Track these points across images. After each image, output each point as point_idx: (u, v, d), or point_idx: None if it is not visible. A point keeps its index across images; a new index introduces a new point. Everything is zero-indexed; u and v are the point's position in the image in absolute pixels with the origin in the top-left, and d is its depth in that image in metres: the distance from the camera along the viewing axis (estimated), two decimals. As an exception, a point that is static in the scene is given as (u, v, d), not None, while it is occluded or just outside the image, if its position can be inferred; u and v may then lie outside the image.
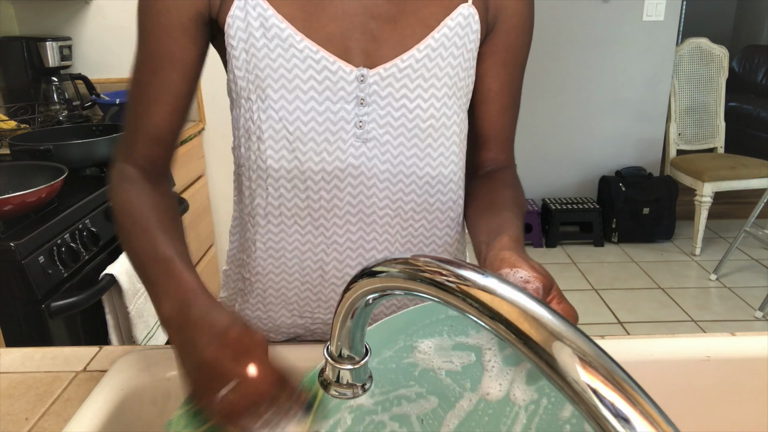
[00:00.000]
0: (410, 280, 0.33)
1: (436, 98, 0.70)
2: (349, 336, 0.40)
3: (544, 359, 0.26)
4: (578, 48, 3.43)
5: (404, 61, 0.67)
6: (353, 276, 0.37)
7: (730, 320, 2.67)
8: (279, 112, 0.67)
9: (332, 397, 0.43)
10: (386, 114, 0.69)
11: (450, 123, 0.71)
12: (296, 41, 0.65)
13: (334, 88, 0.67)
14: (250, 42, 0.66)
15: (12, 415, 0.65)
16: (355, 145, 0.69)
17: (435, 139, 0.71)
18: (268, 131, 0.68)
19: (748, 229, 2.93)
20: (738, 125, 4.42)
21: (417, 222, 0.74)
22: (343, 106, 0.68)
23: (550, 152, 3.60)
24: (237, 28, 0.66)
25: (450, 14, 0.68)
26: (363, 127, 0.69)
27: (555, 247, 3.47)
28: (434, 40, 0.68)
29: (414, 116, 0.69)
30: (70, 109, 2.20)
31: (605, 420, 0.24)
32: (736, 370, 0.71)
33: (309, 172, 0.69)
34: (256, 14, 0.65)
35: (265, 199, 0.72)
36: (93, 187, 1.56)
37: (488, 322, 0.29)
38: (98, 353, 0.76)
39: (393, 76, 0.68)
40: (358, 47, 0.67)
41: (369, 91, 0.68)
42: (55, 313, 1.28)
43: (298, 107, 0.67)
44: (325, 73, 0.67)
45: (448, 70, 0.69)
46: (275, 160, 0.69)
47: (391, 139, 0.70)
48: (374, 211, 0.72)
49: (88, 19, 2.31)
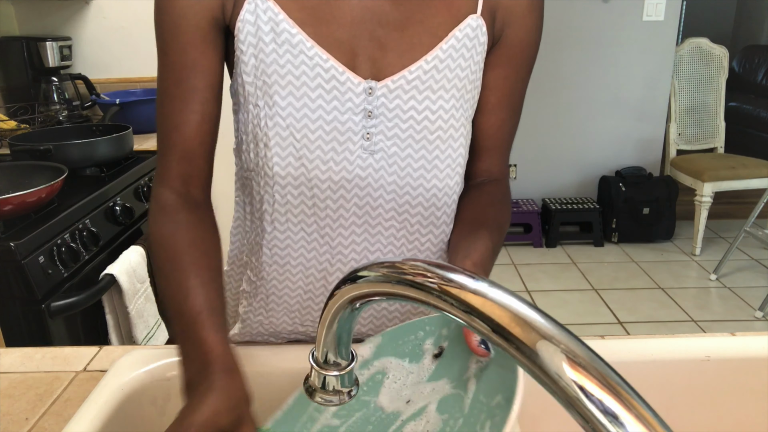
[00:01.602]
0: (396, 284, 0.32)
1: (444, 110, 0.69)
2: (335, 341, 0.39)
3: (536, 362, 0.26)
4: (578, 48, 3.43)
5: (412, 72, 0.67)
6: (338, 281, 0.37)
7: (730, 320, 2.67)
8: (286, 119, 0.67)
9: (318, 404, 0.42)
10: (394, 126, 0.69)
11: (457, 135, 0.71)
12: (306, 48, 0.65)
13: (342, 99, 0.67)
14: (260, 47, 0.65)
15: (12, 415, 0.65)
16: (362, 157, 0.69)
17: (442, 150, 0.70)
18: (275, 138, 0.67)
19: (748, 229, 2.93)
20: (738, 125, 4.41)
21: (423, 236, 0.74)
22: (350, 117, 0.67)
23: (550, 152, 3.60)
24: (247, 33, 0.65)
25: (458, 25, 0.67)
26: (370, 139, 0.68)
27: (555, 247, 3.47)
28: (442, 52, 0.67)
29: (422, 128, 0.69)
30: (70, 109, 2.20)
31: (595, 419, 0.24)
32: (736, 370, 0.71)
33: (316, 180, 0.69)
34: (266, 18, 0.65)
35: (271, 206, 0.71)
36: (93, 187, 1.56)
37: (478, 325, 0.28)
38: (98, 353, 0.76)
39: (401, 89, 0.67)
40: (365, 54, 0.66)
41: (377, 103, 0.67)
42: (55, 313, 1.28)
43: (306, 115, 0.67)
44: (334, 83, 0.66)
45: (456, 81, 0.69)
46: (282, 167, 0.68)
47: (398, 151, 0.69)
48: (380, 222, 0.72)
49: (88, 19, 2.31)
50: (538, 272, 3.17)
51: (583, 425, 0.24)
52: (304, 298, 0.76)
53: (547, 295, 2.94)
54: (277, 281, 0.75)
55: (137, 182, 1.76)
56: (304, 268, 0.74)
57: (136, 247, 1.56)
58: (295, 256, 0.73)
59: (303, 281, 0.74)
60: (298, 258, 0.73)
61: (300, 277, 0.74)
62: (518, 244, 3.48)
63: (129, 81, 2.36)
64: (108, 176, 1.65)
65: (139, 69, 2.35)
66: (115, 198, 1.62)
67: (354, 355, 0.42)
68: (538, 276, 3.13)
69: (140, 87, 2.34)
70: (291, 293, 0.75)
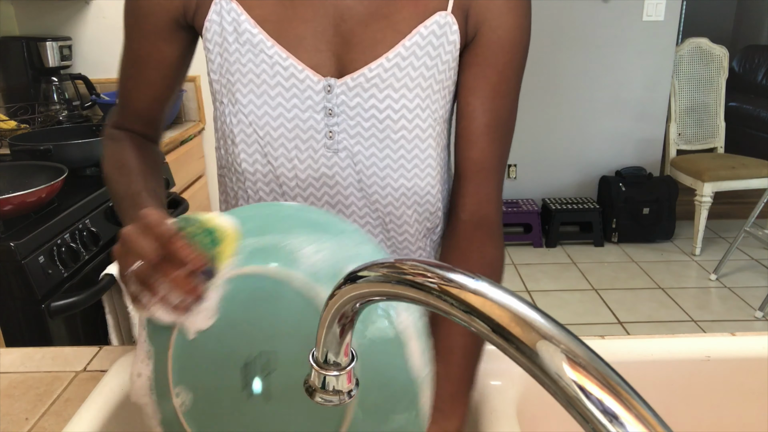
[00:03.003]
0: (396, 284, 0.32)
1: (407, 109, 0.68)
2: (335, 341, 0.39)
3: (536, 362, 0.25)
4: (578, 48, 3.43)
5: (372, 70, 0.66)
6: (339, 281, 0.37)
7: (730, 320, 2.67)
8: (249, 116, 0.68)
9: (317, 404, 0.42)
10: (356, 124, 0.68)
11: (425, 136, 0.69)
12: (267, 47, 0.66)
13: (302, 97, 0.67)
14: (224, 47, 0.67)
15: (12, 415, 0.65)
16: (327, 155, 0.69)
17: (408, 150, 0.69)
18: (240, 135, 0.69)
19: (748, 229, 2.93)
20: (738, 125, 4.41)
21: (400, 235, 0.74)
22: (312, 116, 0.67)
23: (550, 152, 3.60)
24: (213, 33, 0.67)
25: (424, 21, 0.66)
26: (333, 138, 0.68)
27: (555, 247, 3.46)
28: (405, 49, 0.66)
29: (384, 126, 0.68)
30: (70, 109, 2.20)
31: (595, 419, 0.24)
32: (736, 370, 0.71)
33: (283, 177, 0.70)
34: (230, 19, 0.66)
35: (246, 201, 0.72)
36: (93, 187, 1.56)
37: (478, 325, 0.28)
38: (98, 353, 0.76)
39: (360, 86, 0.66)
40: (329, 50, 0.66)
41: (337, 101, 0.67)
42: (55, 313, 1.28)
43: (266, 112, 0.67)
44: (293, 81, 0.66)
45: (420, 81, 0.67)
46: (249, 164, 0.70)
47: (362, 149, 0.69)
48: (355, 220, 0.72)
49: (88, 19, 2.31)
50: (538, 272, 3.17)
51: (583, 425, 0.24)
52: None
53: (547, 295, 2.94)
54: None
55: (137, 182, 1.75)
56: None
57: (136, 247, 1.56)
58: None
59: None
60: None
61: None
62: (518, 244, 3.48)
63: (129, 81, 2.36)
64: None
65: (139, 69, 2.35)
66: (115, 198, 1.62)
67: (354, 354, 0.42)
68: (538, 276, 3.13)
69: (140, 87, 2.34)
70: None
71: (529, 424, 0.69)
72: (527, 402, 0.67)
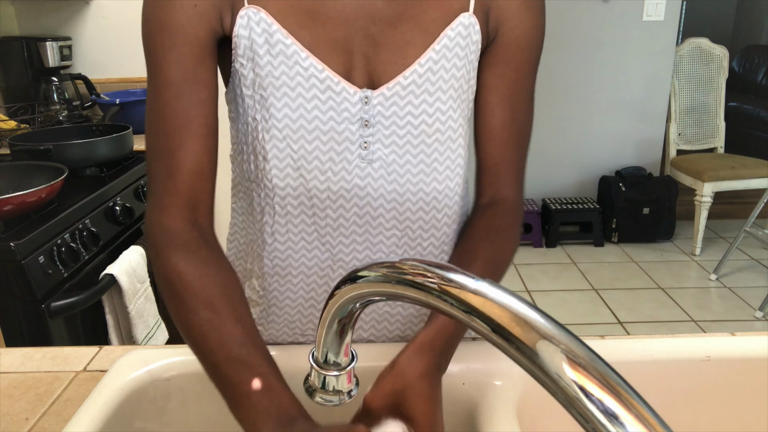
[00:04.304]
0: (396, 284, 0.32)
1: (440, 111, 0.68)
2: (335, 342, 0.39)
3: (536, 362, 0.25)
4: (578, 48, 3.43)
5: (407, 78, 0.66)
6: (338, 281, 0.36)
7: (730, 320, 2.67)
8: (283, 131, 0.66)
9: (317, 404, 0.42)
10: (391, 134, 0.68)
11: (456, 136, 0.70)
12: (301, 58, 0.64)
13: (338, 109, 0.66)
14: (255, 60, 0.65)
15: (12, 415, 0.65)
16: (360, 166, 0.68)
17: (441, 153, 0.70)
18: (272, 150, 0.67)
19: (748, 229, 2.93)
20: (738, 125, 4.41)
21: (425, 240, 0.74)
22: (347, 127, 0.67)
23: (550, 152, 3.60)
24: (244, 47, 0.65)
25: (450, 24, 0.67)
26: (368, 148, 0.68)
27: (555, 247, 3.46)
28: (435, 53, 0.67)
29: (419, 132, 0.68)
30: (70, 109, 2.20)
31: (595, 419, 0.24)
32: (736, 370, 0.71)
33: (315, 190, 0.69)
34: (260, 30, 0.64)
35: (272, 217, 0.70)
36: (93, 187, 1.56)
37: (478, 325, 0.28)
38: (98, 353, 0.76)
39: (397, 95, 0.67)
40: (360, 52, 0.66)
41: (373, 112, 0.67)
42: (55, 313, 1.28)
43: (302, 126, 0.66)
44: (329, 93, 0.66)
45: (452, 82, 0.68)
46: (280, 179, 0.68)
47: (397, 158, 0.69)
48: (381, 231, 0.71)
49: (88, 19, 2.31)
50: (538, 272, 3.17)
51: (583, 425, 0.24)
52: (305, 306, 0.75)
53: (547, 295, 2.94)
54: (278, 292, 0.74)
55: (137, 182, 1.76)
56: (305, 276, 0.73)
57: (136, 247, 1.56)
58: (296, 266, 0.73)
59: (304, 291, 0.74)
60: (299, 268, 0.73)
61: (301, 287, 0.74)
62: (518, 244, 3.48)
63: (129, 81, 2.36)
64: (108, 176, 1.65)
65: (139, 69, 2.34)
66: (115, 198, 1.62)
67: (354, 355, 0.42)
68: (538, 276, 3.13)
69: (140, 87, 2.34)
70: (292, 304, 0.75)
71: (529, 424, 0.69)
72: (527, 402, 0.67)
